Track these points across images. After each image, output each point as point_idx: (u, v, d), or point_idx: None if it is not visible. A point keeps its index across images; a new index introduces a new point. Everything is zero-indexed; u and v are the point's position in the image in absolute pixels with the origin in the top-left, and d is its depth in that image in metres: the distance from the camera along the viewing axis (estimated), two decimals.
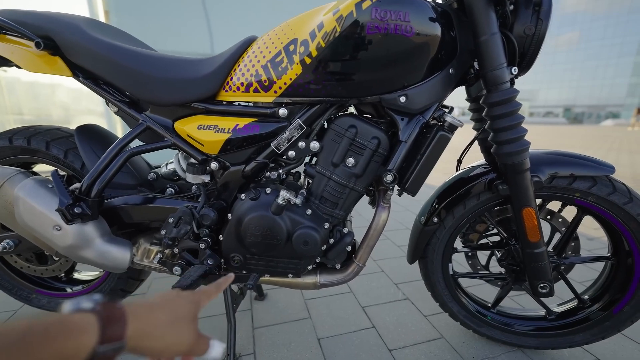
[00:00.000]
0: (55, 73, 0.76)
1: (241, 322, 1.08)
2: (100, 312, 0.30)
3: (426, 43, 0.64)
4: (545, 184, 0.77)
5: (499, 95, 0.67)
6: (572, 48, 47.12)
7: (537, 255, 0.80)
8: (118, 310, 0.31)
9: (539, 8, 0.65)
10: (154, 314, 0.35)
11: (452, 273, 0.97)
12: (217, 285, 0.48)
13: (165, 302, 0.37)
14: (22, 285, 1.06)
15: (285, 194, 0.71)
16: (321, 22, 0.65)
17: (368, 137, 0.72)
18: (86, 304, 0.30)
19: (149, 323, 0.34)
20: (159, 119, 0.78)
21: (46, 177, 0.83)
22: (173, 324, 0.36)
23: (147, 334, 0.33)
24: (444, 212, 0.87)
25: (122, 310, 0.31)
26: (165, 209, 0.80)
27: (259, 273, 0.82)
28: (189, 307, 0.39)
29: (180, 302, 0.39)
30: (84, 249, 0.79)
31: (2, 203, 0.79)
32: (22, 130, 0.90)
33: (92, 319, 0.29)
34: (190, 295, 0.41)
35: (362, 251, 0.83)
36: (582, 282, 1.34)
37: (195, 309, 0.41)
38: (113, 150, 0.77)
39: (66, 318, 0.27)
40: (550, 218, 0.90)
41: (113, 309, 0.31)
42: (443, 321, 1.10)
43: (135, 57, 0.74)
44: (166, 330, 0.35)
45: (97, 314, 0.29)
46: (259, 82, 0.70)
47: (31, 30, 0.73)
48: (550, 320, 0.96)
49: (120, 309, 0.31)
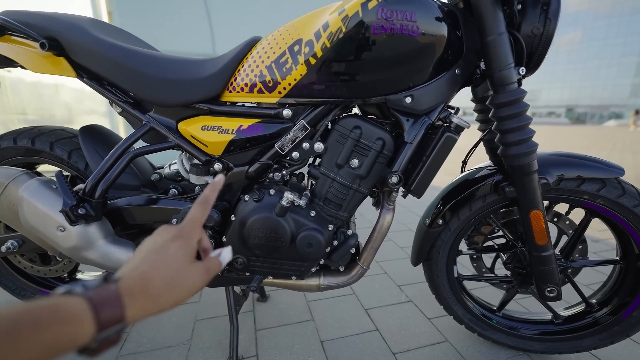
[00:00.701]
0: (60, 74, 0.76)
1: (243, 324, 1.08)
2: (92, 298, 0.28)
3: (432, 43, 0.63)
4: (553, 186, 0.76)
5: (506, 96, 0.66)
6: (574, 48, 46.92)
7: (544, 259, 0.79)
8: (112, 293, 0.30)
9: (547, 7, 0.64)
10: (149, 284, 0.32)
11: (456, 275, 0.95)
12: (204, 199, 0.41)
13: (154, 258, 0.34)
14: (26, 285, 1.05)
15: (290, 195, 0.70)
16: (326, 22, 0.64)
17: (373, 138, 0.71)
18: (77, 289, 0.29)
19: (148, 296, 0.32)
20: (163, 119, 0.78)
21: (50, 178, 0.83)
22: (173, 282, 0.34)
23: (148, 305, 0.32)
24: (449, 214, 0.86)
25: (116, 292, 0.30)
26: (169, 210, 0.80)
27: (262, 275, 0.82)
28: (181, 250, 0.36)
29: (170, 249, 0.35)
30: (88, 250, 0.78)
31: (7, 204, 0.79)
32: (26, 131, 0.90)
33: (83, 306, 0.27)
34: (178, 233, 0.37)
35: (366, 253, 0.83)
36: (589, 285, 1.32)
37: (189, 244, 0.37)
38: (117, 151, 0.77)
39: (57, 306, 0.26)
40: (557, 220, 0.89)
41: (106, 292, 0.29)
42: (447, 324, 1.09)
43: (139, 57, 0.74)
44: (169, 293, 0.33)
45: (88, 300, 0.28)
46: (263, 82, 0.70)
47: (36, 31, 0.73)
48: (557, 324, 0.95)
49: (115, 291, 0.30)
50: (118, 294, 0.30)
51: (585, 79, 47.03)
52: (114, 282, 0.31)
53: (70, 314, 0.26)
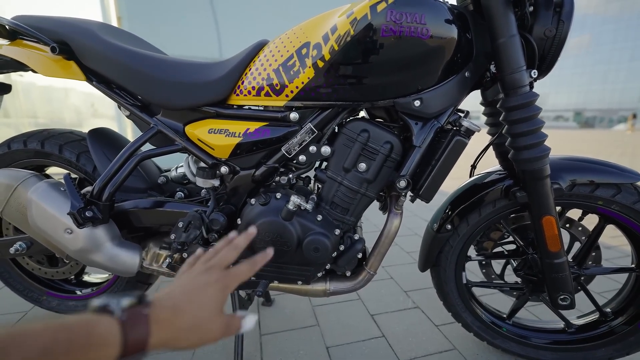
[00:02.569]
0: (70, 77, 0.76)
1: None
2: (125, 322, 0.28)
3: (442, 46, 0.62)
4: (566, 191, 0.74)
5: (517, 99, 0.65)
6: (582, 52, 46.46)
7: (557, 266, 0.77)
8: (143, 319, 0.30)
9: (560, 9, 0.63)
10: (178, 318, 0.32)
11: (465, 282, 0.94)
12: (253, 263, 0.43)
13: (193, 295, 0.35)
14: (33, 287, 1.06)
15: (296, 199, 0.69)
16: (334, 25, 0.64)
17: (380, 142, 0.70)
18: (114, 307, 0.29)
19: (173, 329, 0.32)
20: (170, 122, 0.78)
21: (58, 180, 0.84)
22: (199, 325, 0.34)
23: (170, 340, 0.32)
24: (458, 219, 0.84)
25: (146, 318, 0.30)
26: (175, 213, 0.80)
27: (268, 279, 0.81)
28: (217, 297, 0.36)
29: (209, 292, 0.36)
30: (94, 253, 0.79)
31: (16, 206, 0.80)
32: (36, 134, 0.91)
33: (115, 331, 0.28)
34: (221, 280, 0.38)
35: (373, 258, 0.81)
36: (602, 293, 1.29)
37: (225, 295, 0.38)
38: (124, 154, 0.77)
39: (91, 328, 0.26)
40: (570, 226, 0.87)
41: (138, 316, 0.29)
42: (455, 332, 1.07)
43: (147, 61, 0.74)
44: (191, 333, 0.33)
45: (121, 324, 0.28)
46: (271, 85, 0.69)
47: (47, 35, 0.74)
48: (570, 334, 0.92)
49: (145, 316, 0.30)
50: (148, 320, 0.30)
51: (593, 83, 46.45)
52: (146, 307, 0.31)
53: (102, 339, 0.26)
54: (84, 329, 0.26)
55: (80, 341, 0.25)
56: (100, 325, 0.27)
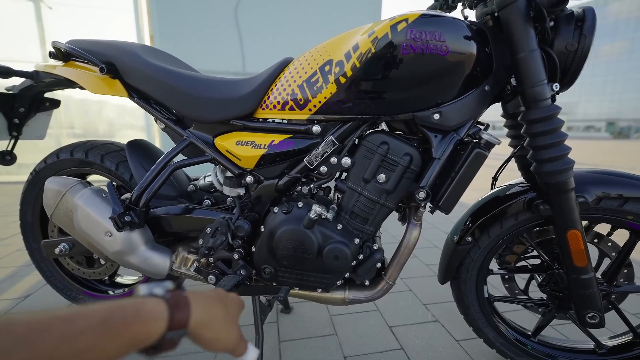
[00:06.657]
0: (114, 94, 0.84)
1: (267, 335, 1.09)
2: (169, 300, 0.32)
3: (461, 61, 0.64)
4: (592, 205, 0.72)
5: (538, 112, 0.65)
6: (613, 59, 44.25)
7: (584, 282, 0.74)
8: (183, 299, 0.34)
9: (582, 23, 0.64)
10: (212, 307, 0.37)
11: (487, 296, 0.92)
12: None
13: (220, 299, 0.40)
14: (72, 286, 1.14)
15: (318, 208, 0.72)
16: (356, 44, 0.67)
17: (400, 154, 0.72)
18: (158, 290, 0.33)
19: (209, 315, 0.36)
20: (201, 135, 0.84)
21: (100, 187, 0.91)
22: (226, 320, 0.38)
23: (205, 325, 0.35)
24: (478, 232, 0.84)
25: (187, 299, 0.34)
26: (203, 220, 0.85)
27: (289, 286, 0.83)
28: (235, 309, 0.42)
29: (230, 302, 0.42)
30: (130, 255, 0.85)
31: (63, 210, 0.88)
32: (80, 145, 1.00)
33: (163, 307, 0.31)
34: (236, 299, 0.44)
35: (392, 268, 0.82)
36: (637, 314, 1.21)
37: (239, 312, 0.43)
38: (160, 164, 0.83)
39: (141, 305, 0.30)
40: (598, 242, 0.84)
41: (180, 297, 0.34)
42: (477, 347, 1.04)
43: (182, 79, 0.81)
44: (220, 325, 0.37)
45: (167, 301, 0.32)
46: (295, 100, 0.74)
47: (96, 57, 0.83)
48: (601, 355, 0.87)
49: (185, 297, 0.34)
50: (188, 301, 0.34)
51: (627, 91, 43.94)
52: (183, 290, 0.35)
53: (150, 314, 0.30)
54: (135, 306, 0.30)
55: (133, 316, 0.29)
56: (149, 304, 0.31)
